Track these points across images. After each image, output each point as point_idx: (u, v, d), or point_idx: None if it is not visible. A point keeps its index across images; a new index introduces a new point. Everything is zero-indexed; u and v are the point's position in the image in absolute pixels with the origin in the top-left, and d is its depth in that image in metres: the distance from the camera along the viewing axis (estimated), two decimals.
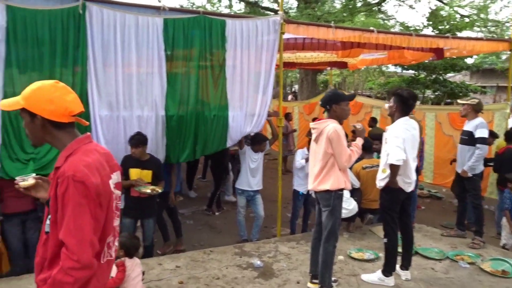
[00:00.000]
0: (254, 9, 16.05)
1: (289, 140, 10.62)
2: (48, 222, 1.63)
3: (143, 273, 3.38)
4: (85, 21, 4.42)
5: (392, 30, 14.39)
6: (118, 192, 1.83)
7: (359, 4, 14.85)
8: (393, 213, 4.06)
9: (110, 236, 1.74)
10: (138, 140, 4.57)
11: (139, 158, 4.63)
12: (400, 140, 3.85)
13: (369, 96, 17.42)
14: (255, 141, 5.73)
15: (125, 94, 4.78)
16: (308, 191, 5.71)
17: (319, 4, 14.37)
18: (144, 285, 3.36)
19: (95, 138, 4.54)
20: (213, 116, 5.27)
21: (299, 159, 5.80)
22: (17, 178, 1.83)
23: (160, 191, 4.67)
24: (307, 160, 5.41)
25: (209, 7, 16.62)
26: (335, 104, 3.73)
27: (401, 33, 7.39)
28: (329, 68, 11.89)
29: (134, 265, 3.18)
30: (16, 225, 4.32)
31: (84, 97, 4.47)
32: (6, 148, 4.18)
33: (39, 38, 4.28)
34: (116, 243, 1.84)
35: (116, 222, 1.82)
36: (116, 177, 1.81)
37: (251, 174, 5.68)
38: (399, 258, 4.19)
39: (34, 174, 1.86)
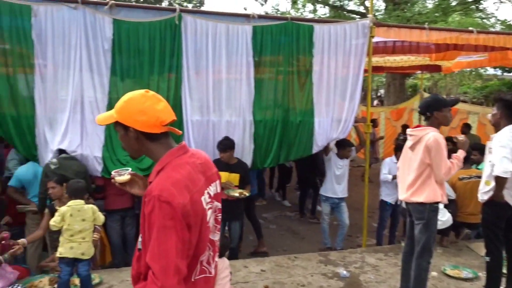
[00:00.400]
0: (339, 13, 15.79)
1: (375, 147, 10.24)
2: (140, 239, 1.59)
3: (230, 273, 3.45)
4: (180, 31, 4.69)
5: (492, 29, 13.24)
6: (217, 204, 1.73)
7: (453, 3, 13.88)
8: (498, 229, 3.70)
9: (205, 254, 1.63)
10: (226, 145, 4.71)
11: (227, 162, 4.77)
12: (508, 150, 3.49)
13: (464, 101, 16.17)
14: (340, 146, 5.60)
15: (215, 99, 4.97)
16: (396, 202, 5.45)
17: (409, 5, 13.70)
18: (231, 286, 3.42)
19: (187, 142, 4.76)
20: (299, 121, 5.26)
21: (385, 171, 5.55)
22: (112, 172, 1.83)
23: (247, 194, 4.76)
24: (394, 177, 5.19)
25: (293, 13, 16.68)
26: (437, 110, 3.47)
27: (505, 33, 6.74)
28: (419, 72, 11.26)
29: (223, 266, 3.25)
30: (117, 221, 4.68)
31: (178, 103, 4.74)
32: (108, 150, 4.56)
33: (140, 48, 4.62)
34: (217, 259, 1.75)
35: (216, 236, 1.72)
36: (214, 188, 1.71)
37: (336, 181, 5.56)
38: (503, 280, 3.81)
39: (130, 170, 1.85)
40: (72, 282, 3.67)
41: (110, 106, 4.51)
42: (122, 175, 1.80)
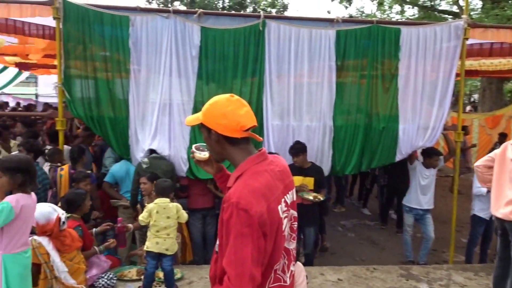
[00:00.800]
0: (429, 14, 14.95)
1: (466, 156, 9.51)
2: (218, 242, 1.62)
3: (306, 277, 3.42)
4: (264, 36, 4.79)
5: None
6: (293, 213, 1.72)
7: None
8: None
9: (279, 262, 1.63)
10: (298, 149, 4.68)
11: (301, 166, 4.73)
12: None
13: None
14: (427, 155, 5.28)
15: (295, 104, 4.99)
16: (491, 217, 5.00)
17: (510, 2, 12.52)
18: None
19: (266, 147, 4.84)
20: (382, 128, 5.07)
21: (478, 184, 5.10)
22: (193, 147, 1.85)
23: (322, 198, 4.69)
24: (489, 191, 4.75)
25: (379, 15, 16.14)
26: None
27: None
28: None
29: (299, 270, 3.24)
30: (198, 220, 4.88)
31: (259, 107, 4.83)
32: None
33: (224, 53, 4.80)
34: (292, 268, 1.72)
35: (291, 245, 1.71)
36: (291, 196, 1.71)
37: (421, 191, 5.26)
38: None
39: None
40: (157, 275, 3.91)
41: (195, 109, 4.73)
42: (202, 152, 1.83)
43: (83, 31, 4.57)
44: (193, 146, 1.87)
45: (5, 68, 13.23)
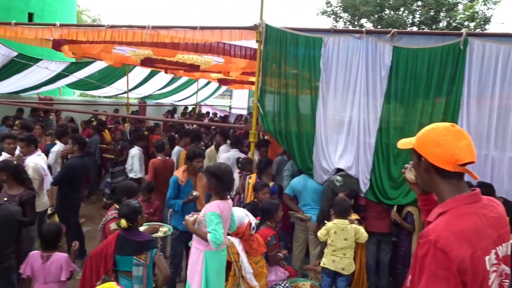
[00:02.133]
0: None
1: None
2: (409, 277, 1.53)
3: None
4: (464, 56, 4.38)
5: None
6: (504, 268, 1.53)
7: None
8: None
9: None
10: (489, 193, 4.02)
11: None
12: None
13: None
14: None
15: (497, 131, 4.40)
16: None
17: None
18: None
19: None
20: None
21: None
22: (410, 163, 1.75)
23: None
24: None
25: None
26: None
27: None
28: None
29: None
30: (373, 243, 4.70)
31: None
32: (375, 174, 4.66)
33: (416, 73, 4.56)
34: None
35: None
36: (504, 248, 1.53)
37: None
38: None
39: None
40: None
41: (380, 130, 4.60)
42: (413, 173, 1.75)
43: (280, 51, 4.95)
44: (410, 163, 1.78)
45: (208, 83, 15.44)
